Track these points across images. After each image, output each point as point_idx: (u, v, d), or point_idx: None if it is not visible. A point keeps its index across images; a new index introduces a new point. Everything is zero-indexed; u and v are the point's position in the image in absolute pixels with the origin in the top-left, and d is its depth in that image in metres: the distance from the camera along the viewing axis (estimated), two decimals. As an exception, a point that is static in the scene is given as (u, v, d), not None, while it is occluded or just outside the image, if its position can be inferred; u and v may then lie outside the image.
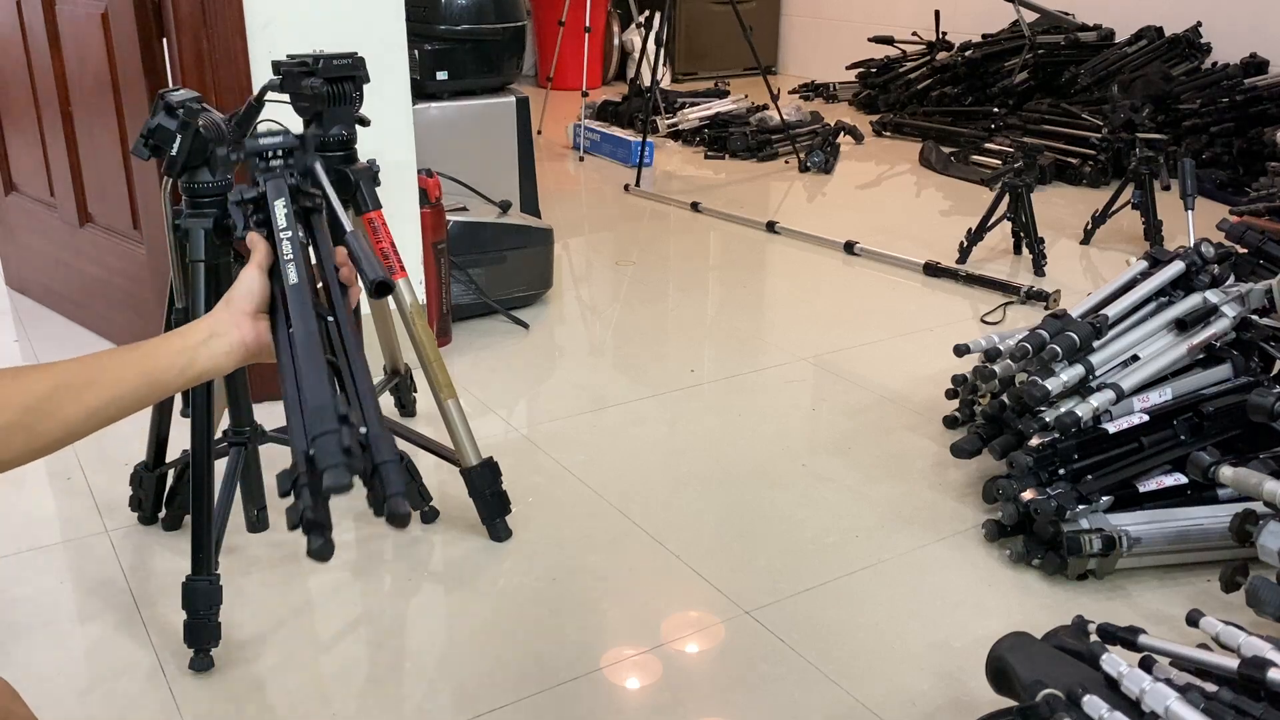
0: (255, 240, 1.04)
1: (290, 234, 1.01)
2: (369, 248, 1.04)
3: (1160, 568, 1.78)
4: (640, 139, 4.57)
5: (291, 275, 0.97)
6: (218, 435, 1.74)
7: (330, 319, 0.98)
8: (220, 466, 1.69)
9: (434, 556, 1.84)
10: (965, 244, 3.38)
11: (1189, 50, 4.86)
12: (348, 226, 1.14)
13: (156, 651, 1.59)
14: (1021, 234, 3.42)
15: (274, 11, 2.18)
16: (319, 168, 1.23)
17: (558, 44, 5.60)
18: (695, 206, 4.03)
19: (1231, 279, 2.10)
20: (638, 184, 4.39)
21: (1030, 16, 5.38)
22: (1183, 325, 1.98)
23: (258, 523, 1.87)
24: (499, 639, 1.63)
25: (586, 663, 1.58)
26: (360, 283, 1.03)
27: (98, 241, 2.63)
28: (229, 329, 0.97)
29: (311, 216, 1.10)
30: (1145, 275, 2.11)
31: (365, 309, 1.97)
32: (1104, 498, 1.78)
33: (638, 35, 6.53)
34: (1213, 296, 2.00)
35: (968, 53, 5.45)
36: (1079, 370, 1.91)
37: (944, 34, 5.83)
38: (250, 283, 0.99)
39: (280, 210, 1.04)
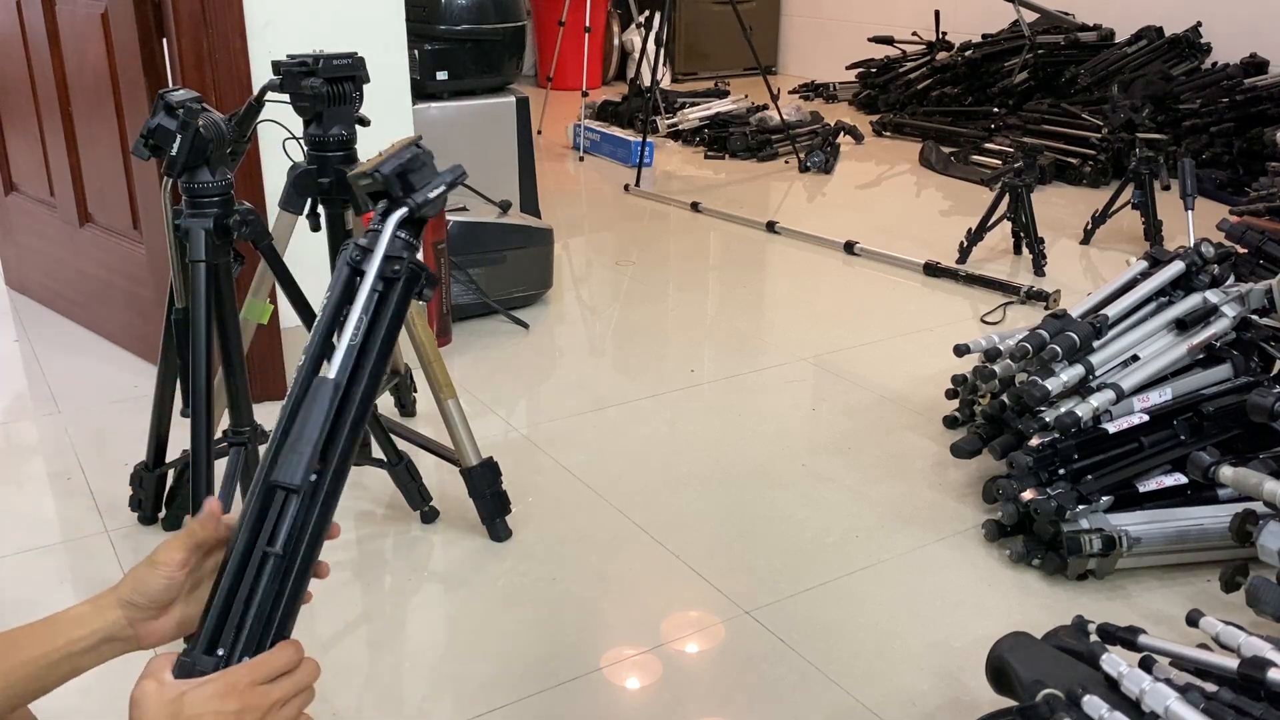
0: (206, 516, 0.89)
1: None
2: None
3: (1160, 568, 1.78)
4: (640, 139, 4.57)
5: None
6: (218, 435, 1.74)
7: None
8: (220, 466, 1.69)
9: (434, 556, 1.84)
10: (965, 244, 3.38)
11: (1189, 50, 4.85)
12: None
13: (157, 651, 1.59)
14: (1021, 234, 3.42)
15: (274, 11, 2.18)
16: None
17: (558, 44, 5.60)
18: (695, 206, 4.03)
19: (1231, 279, 2.10)
20: (638, 184, 4.39)
21: (1030, 16, 5.38)
22: (1183, 325, 1.98)
23: (258, 523, 1.87)
24: (499, 639, 1.63)
25: (586, 663, 1.58)
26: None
27: (98, 241, 2.63)
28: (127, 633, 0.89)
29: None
30: (1145, 275, 2.11)
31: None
32: (1104, 498, 1.78)
33: (638, 35, 6.53)
34: (1213, 296, 2.00)
35: (968, 53, 5.45)
36: (1079, 370, 1.91)
37: (944, 34, 5.83)
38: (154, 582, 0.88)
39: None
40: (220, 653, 0.82)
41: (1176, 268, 2.07)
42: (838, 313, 2.99)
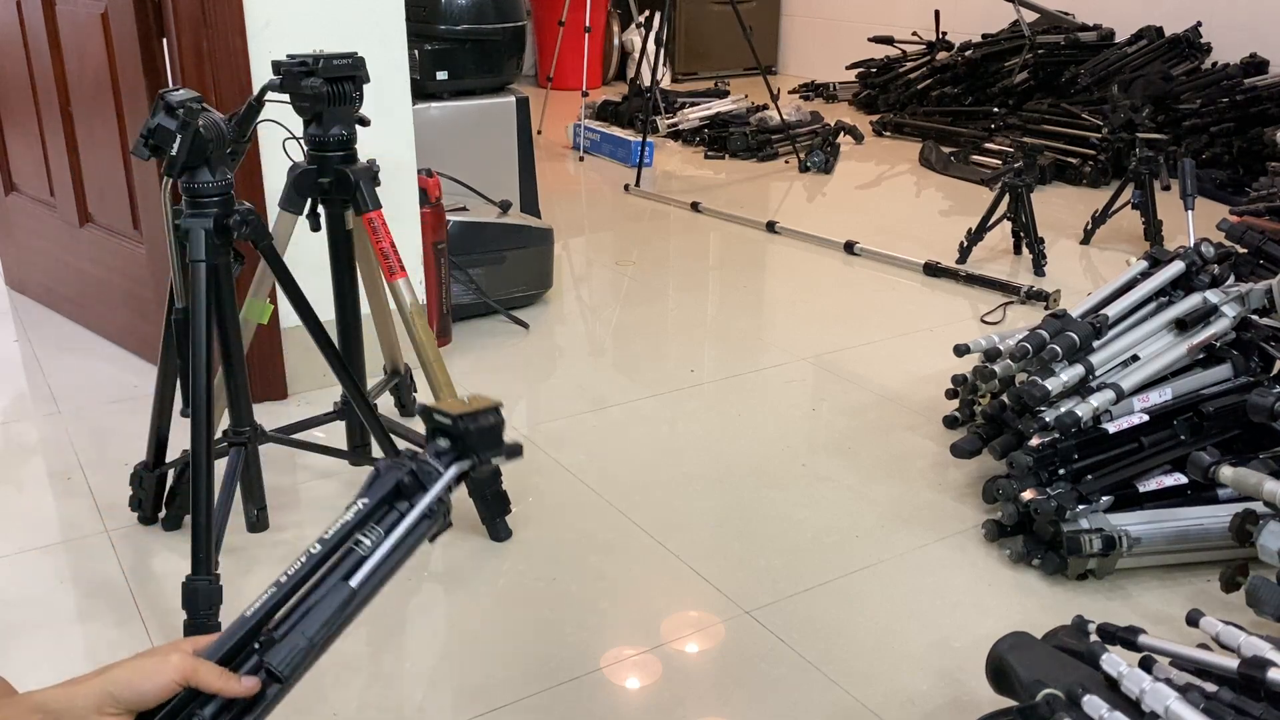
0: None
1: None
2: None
3: (1160, 568, 1.78)
4: (640, 139, 4.57)
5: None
6: (218, 435, 1.74)
7: None
8: (220, 466, 1.69)
9: (434, 556, 1.84)
10: (965, 244, 3.38)
11: (1189, 50, 4.86)
12: None
13: (156, 651, 1.59)
14: (1021, 234, 3.42)
15: (274, 11, 2.18)
16: None
17: (558, 44, 5.60)
18: (695, 206, 4.03)
19: (1231, 279, 2.10)
20: (638, 184, 4.39)
21: (1030, 16, 5.38)
22: (1183, 325, 1.98)
23: (258, 523, 1.87)
24: (499, 639, 1.63)
25: (586, 663, 1.58)
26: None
27: (98, 241, 2.63)
28: None
29: None
30: (1145, 275, 2.11)
31: (365, 309, 1.97)
32: (1104, 498, 1.78)
33: (638, 35, 6.53)
34: (1213, 296, 2.00)
35: (968, 53, 5.45)
36: (1079, 370, 1.91)
37: (944, 34, 5.83)
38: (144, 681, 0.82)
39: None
40: None
41: (1176, 268, 2.07)
42: (838, 313, 2.99)
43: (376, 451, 1.95)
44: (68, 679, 0.84)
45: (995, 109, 5.08)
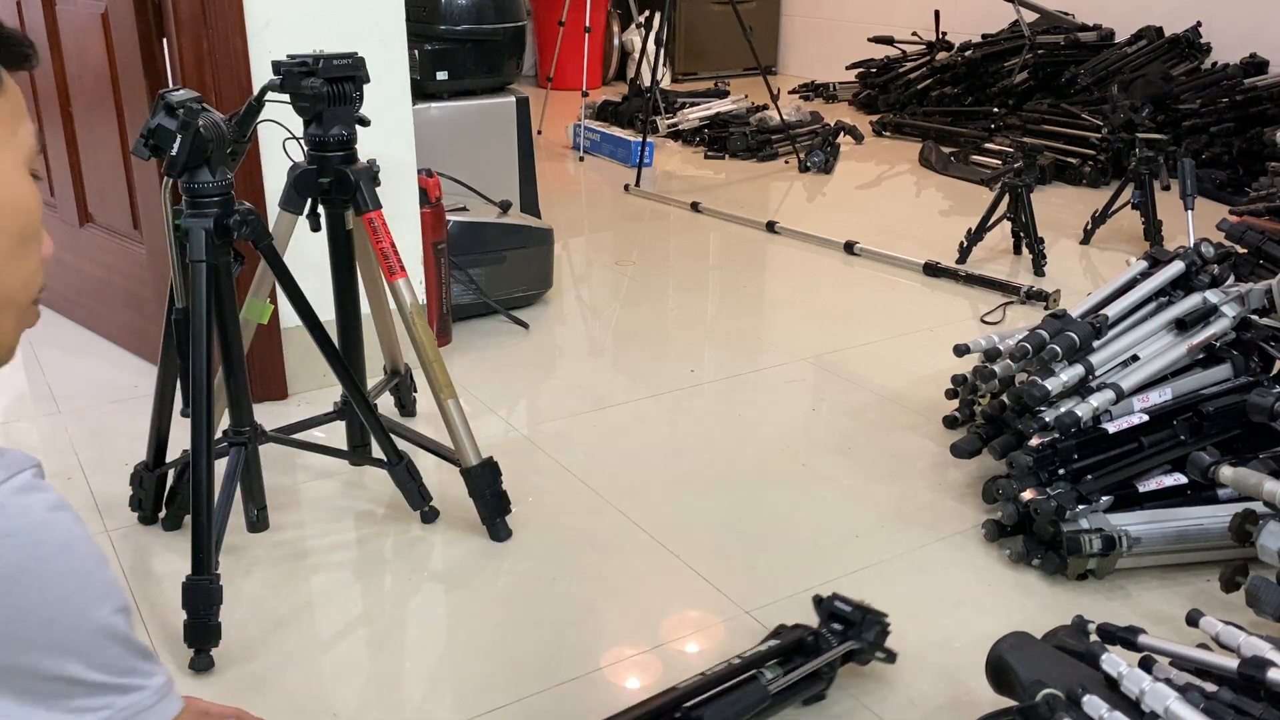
0: None
1: None
2: None
3: (1160, 568, 1.78)
4: (640, 139, 4.57)
5: None
6: (218, 435, 1.74)
7: None
8: (220, 466, 1.69)
9: (434, 556, 1.84)
10: (965, 244, 3.38)
11: (1189, 50, 4.86)
12: None
13: (156, 651, 1.59)
14: (1021, 234, 3.42)
15: (274, 11, 2.18)
16: None
17: (558, 44, 5.60)
18: (695, 206, 4.03)
19: (1231, 279, 2.10)
20: (638, 184, 4.39)
21: (1030, 16, 5.38)
22: (1183, 325, 1.98)
23: (258, 523, 1.87)
24: (499, 639, 1.63)
25: (586, 663, 1.58)
26: None
27: (98, 241, 2.63)
28: None
29: None
30: (1145, 275, 2.11)
31: (365, 309, 1.97)
32: (1104, 498, 1.78)
33: (638, 35, 6.53)
34: (1213, 296, 2.00)
35: (968, 53, 5.45)
36: (1079, 370, 1.91)
37: (944, 34, 5.83)
38: None
39: None
40: None
41: (1176, 268, 2.07)
42: (838, 313, 2.99)
43: (376, 451, 1.95)
44: None
45: (995, 109, 5.08)
